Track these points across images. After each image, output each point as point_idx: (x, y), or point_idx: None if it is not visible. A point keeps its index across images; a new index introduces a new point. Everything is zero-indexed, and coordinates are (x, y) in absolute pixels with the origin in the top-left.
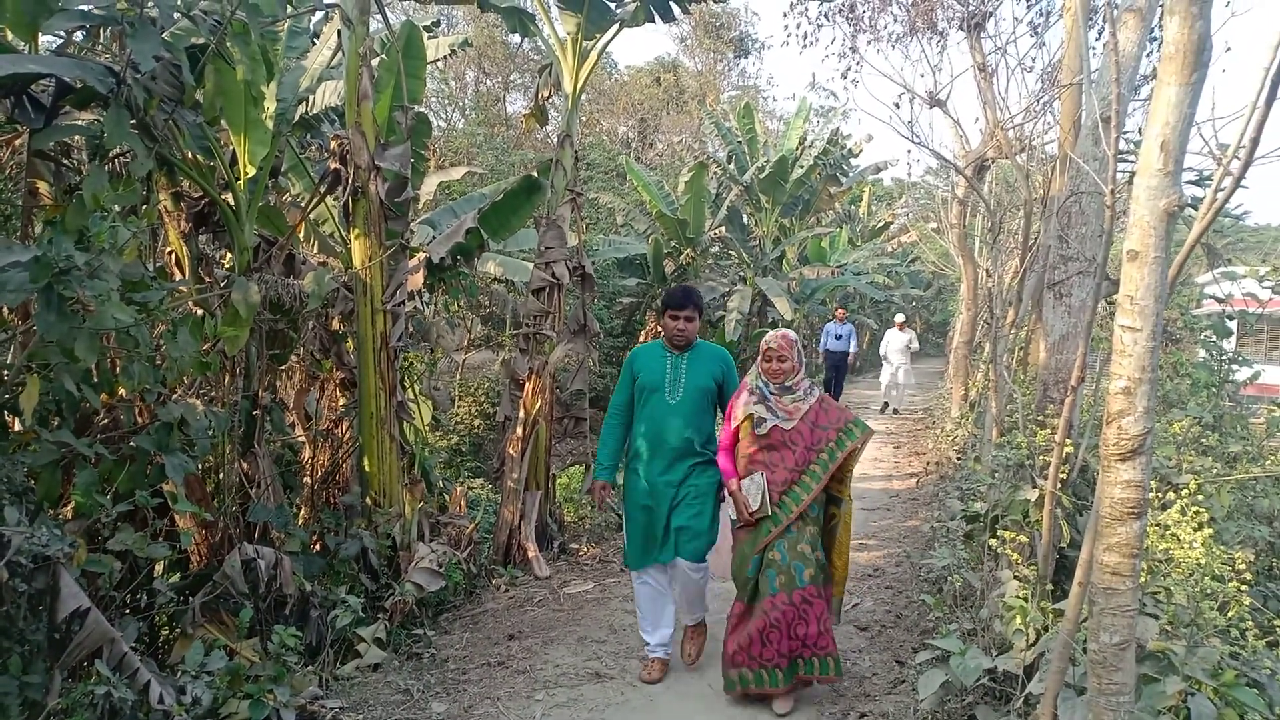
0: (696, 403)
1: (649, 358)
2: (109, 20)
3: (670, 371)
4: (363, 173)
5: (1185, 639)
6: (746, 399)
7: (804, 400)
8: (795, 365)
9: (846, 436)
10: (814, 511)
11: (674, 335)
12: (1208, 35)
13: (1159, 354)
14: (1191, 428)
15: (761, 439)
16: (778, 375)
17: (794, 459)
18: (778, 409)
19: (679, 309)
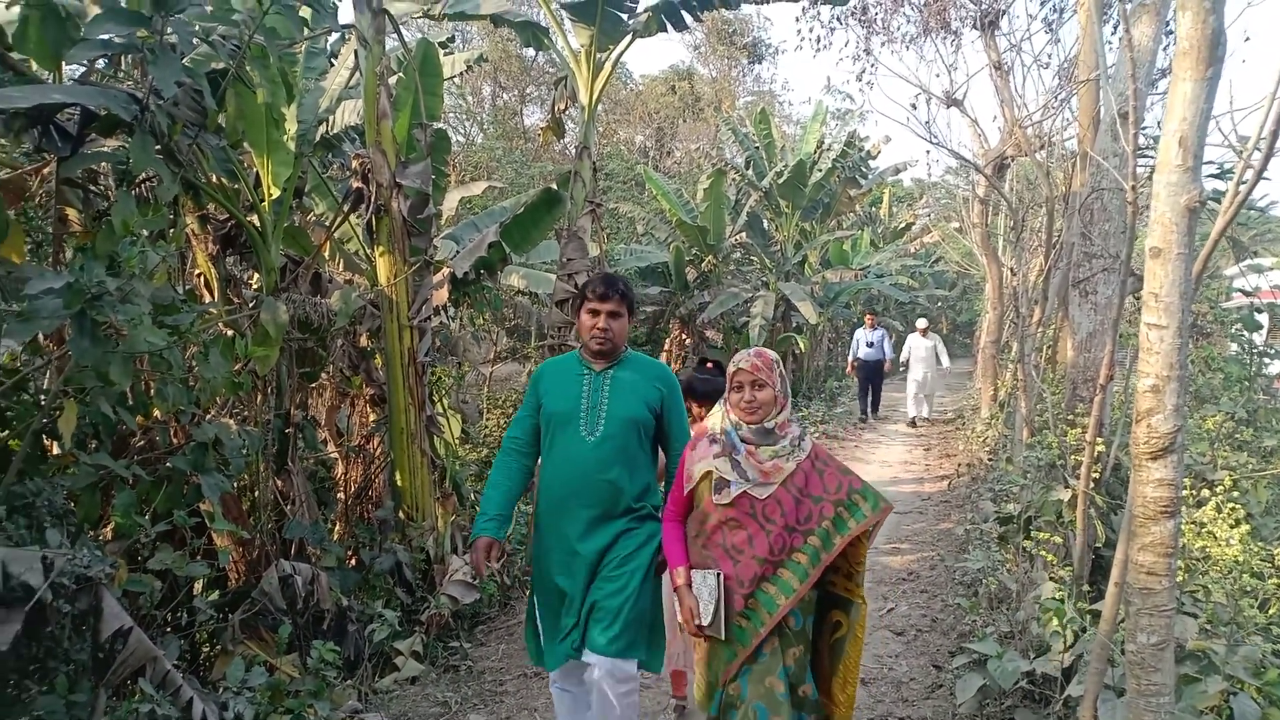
0: (625, 440)
1: (559, 376)
2: (130, 48)
3: (588, 395)
4: (385, 191)
5: (1225, 638)
6: (706, 449)
7: (790, 455)
8: (778, 398)
9: (850, 512)
10: (799, 623)
11: (593, 337)
12: (1222, 29)
13: (1187, 350)
14: (1225, 423)
15: (724, 511)
16: (753, 412)
17: (770, 543)
18: (750, 466)
19: (602, 298)
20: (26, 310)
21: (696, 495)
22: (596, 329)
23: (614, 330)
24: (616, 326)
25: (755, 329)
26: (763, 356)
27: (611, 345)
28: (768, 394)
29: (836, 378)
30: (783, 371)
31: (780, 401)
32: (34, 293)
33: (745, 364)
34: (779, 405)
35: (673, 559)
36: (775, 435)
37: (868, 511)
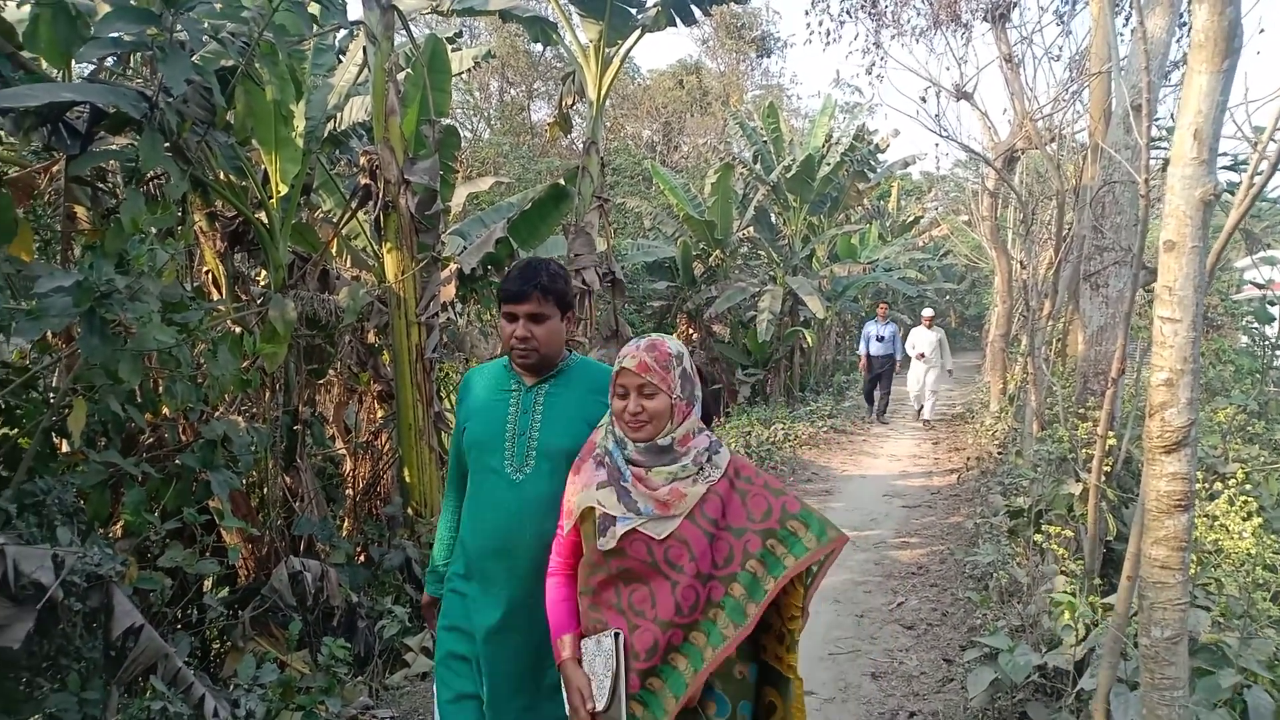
0: (561, 482)
1: (484, 391)
2: (140, 46)
3: (514, 420)
4: (393, 187)
5: (1239, 631)
6: (590, 475)
7: (696, 476)
8: (677, 406)
9: (786, 545)
10: (724, 712)
11: (512, 349)
12: (1238, 21)
13: (1200, 344)
14: (1236, 415)
15: (613, 560)
16: (640, 427)
17: (677, 598)
18: (641, 496)
19: (516, 297)
20: (36, 308)
21: (583, 535)
22: (515, 338)
23: (539, 337)
24: (542, 332)
25: (763, 323)
26: (656, 351)
27: (538, 357)
28: (660, 403)
29: (844, 372)
30: (688, 367)
31: (681, 410)
32: (43, 291)
33: (630, 362)
34: (679, 415)
35: (555, 625)
36: (673, 452)
37: (810, 543)
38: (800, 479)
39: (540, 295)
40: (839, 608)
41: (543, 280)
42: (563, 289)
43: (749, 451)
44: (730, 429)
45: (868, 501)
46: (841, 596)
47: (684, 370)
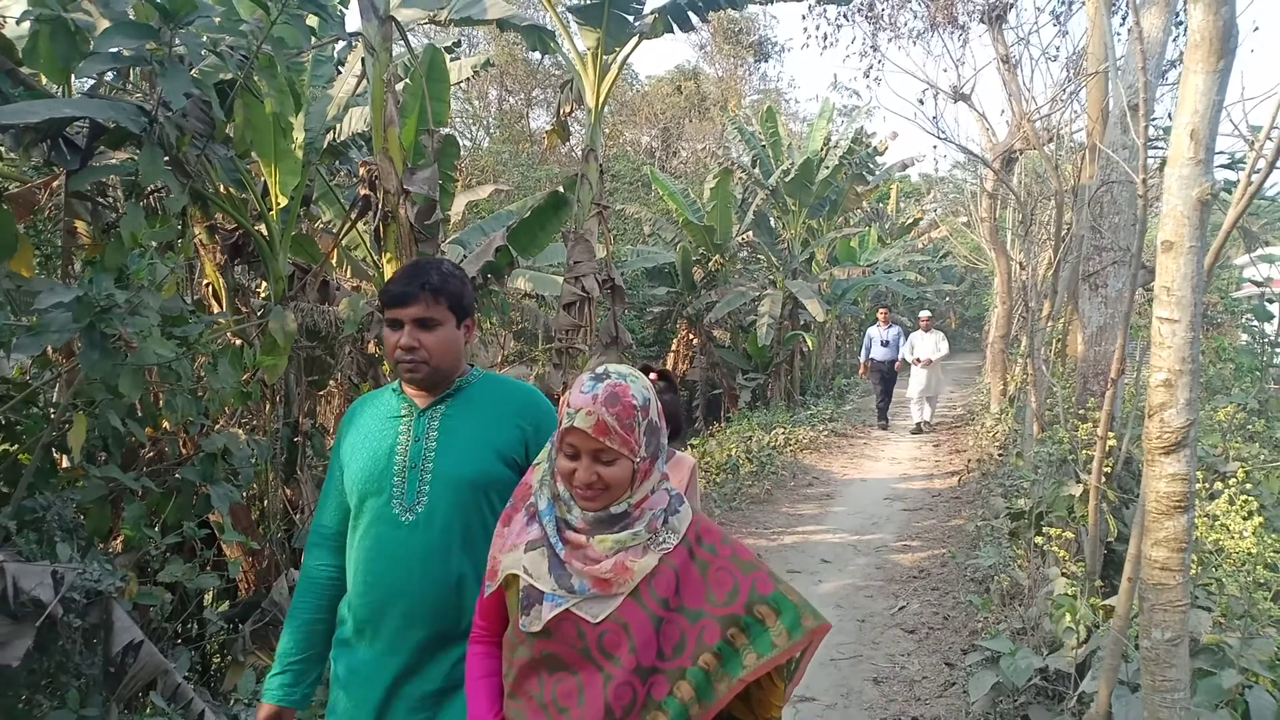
0: (464, 516)
1: (369, 421)
2: (139, 60)
3: (404, 450)
4: (392, 197)
5: (1240, 631)
6: (520, 529)
7: (648, 545)
8: (641, 468)
9: (750, 637)
10: None
11: (398, 362)
12: (1233, 20)
13: (1199, 344)
14: (1236, 414)
15: (536, 641)
16: (594, 498)
17: (608, 697)
18: (576, 570)
19: (401, 300)
20: (36, 324)
21: (508, 606)
22: (399, 349)
23: (429, 347)
24: (433, 341)
25: (762, 327)
26: (619, 405)
27: (429, 371)
28: (621, 470)
29: (844, 375)
30: (655, 417)
31: (644, 471)
32: (43, 306)
33: (584, 421)
34: (641, 477)
35: (474, 710)
36: (627, 518)
37: (779, 638)
38: (801, 483)
39: (430, 297)
40: (841, 613)
41: (432, 280)
42: (457, 290)
43: (749, 456)
44: (730, 433)
45: (869, 505)
46: (843, 601)
47: (650, 423)
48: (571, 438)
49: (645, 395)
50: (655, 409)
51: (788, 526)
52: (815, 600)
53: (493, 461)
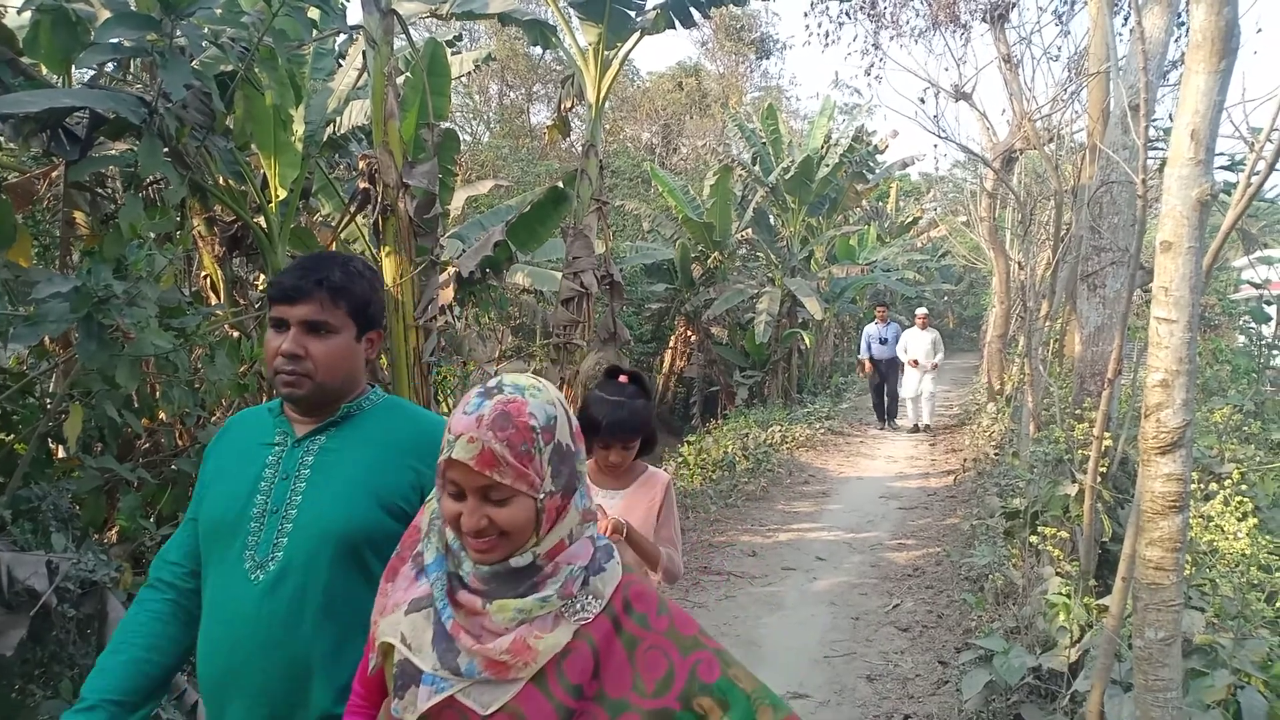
0: (326, 577)
1: (238, 444)
2: (139, 52)
3: (269, 487)
4: (391, 191)
5: (1233, 631)
6: (404, 582)
7: (562, 613)
8: (551, 501)
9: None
10: None
11: (276, 372)
12: (1236, 21)
13: (1196, 345)
14: (1232, 416)
15: None
16: (488, 550)
17: None
18: (464, 643)
19: (288, 297)
20: (34, 314)
21: (386, 679)
22: (280, 356)
23: (316, 359)
24: (321, 351)
25: (761, 325)
26: (511, 427)
27: (311, 388)
28: (519, 510)
29: (842, 373)
30: (563, 438)
31: (554, 508)
32: (41, 296)
33: (465, 452)
34: (549, 516)
35: None
36: (534, 575)
37: None
38: (797, 481)
39: (327, 297)
40: (835, 610)
41: (333, 277)
42: (363, 295)
43: (746, 454)
44: (727, 431)
45: (865, 503)
46: (837, 599)
47: (558, 448)
48: (453, 473)
49: (549, 413)
50: (566, 429)
51: (783, 524)
52: (810, 597)
53: (370, 510)
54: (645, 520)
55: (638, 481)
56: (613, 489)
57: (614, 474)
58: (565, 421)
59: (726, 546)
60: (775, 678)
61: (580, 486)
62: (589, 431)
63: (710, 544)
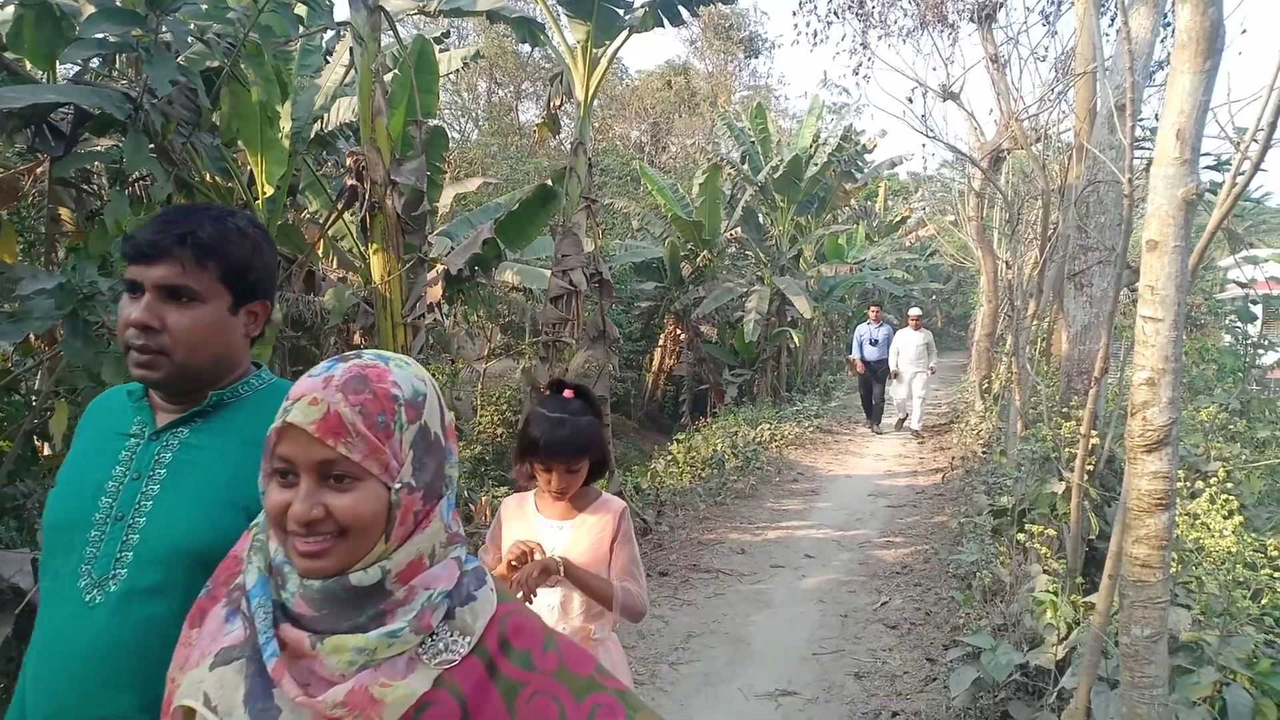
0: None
1: (95, 428)
2: (125, 47)
3: (117, 488)
4: (379, 188)
5: (1218, 628)
6: (212, 627)
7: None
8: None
9: None
10: None
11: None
12: (1220, 21)
13: (1182, 343)
14: (1218, 414)
15: None
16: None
17: None
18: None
19: (146, 256)
20: (19, 311)
21: None
22: (131, 327)
23: (175, 333)
24: (183, 325)
25: (750, 323)
26: (365, 391)
27: (170, 369)
28: (365, 500)
29: (831, 372)
30: (432, 422)
31: (410, 511)
32: (26, 293)
33: (303, 415)
34: (404, 521)
35: None
36: (379, 602)
37: None
38: (786, 479)
39: (191, 258)
40: (824, 608)
41: (201, 233)
42: (241, 256)
43: (735, 452)
44: (717, 429)
45: (853, 501)
46: (826, 596)
47: (424, 430)
48: (286, 445)
49: (416, 388)
50: (437, 415)
51: (772, 522)
52: (799, 595)
53: (234, 522)
54: (594, 554)
55: (588, 510)
56: (558, 519)
57: (560, 502)
58: (437, 406)
59: (715, 544)
60: (764, 675)
61: (449, 495)
62: (527, 452)
63: (699, 542)
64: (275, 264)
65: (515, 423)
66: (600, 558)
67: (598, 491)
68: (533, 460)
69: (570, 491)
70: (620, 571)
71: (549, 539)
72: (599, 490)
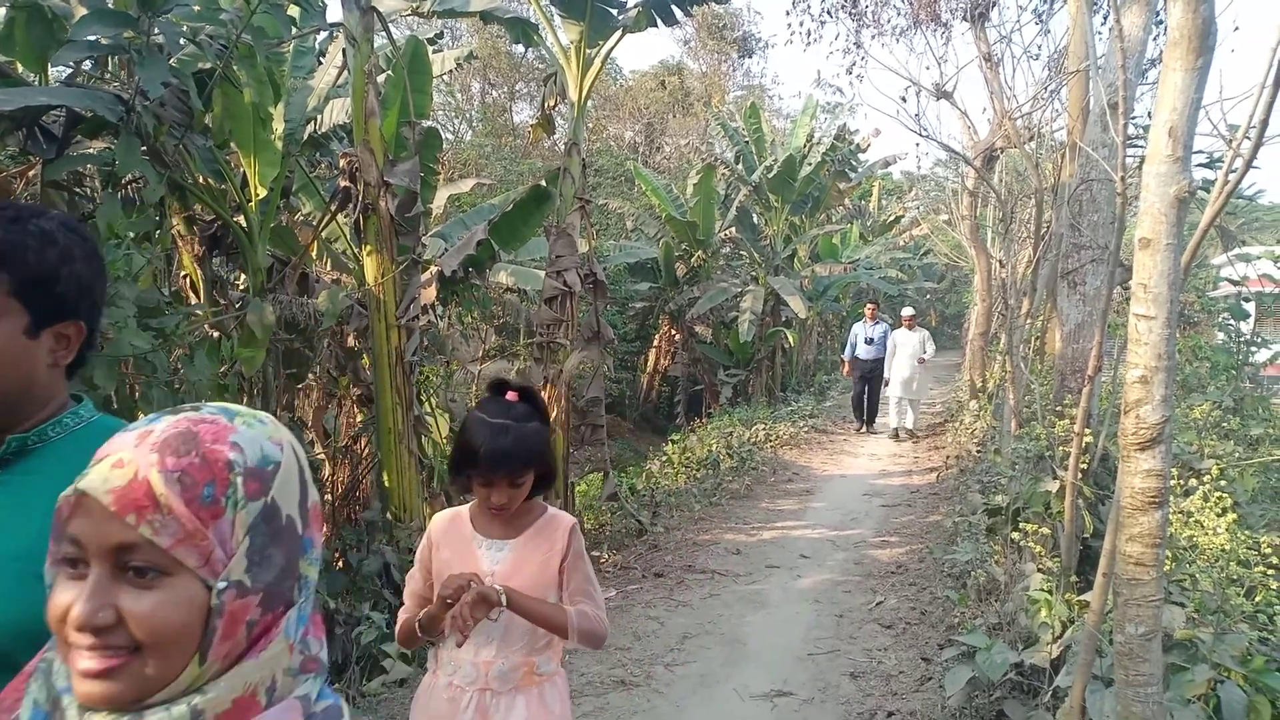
0: None
1: None
2: (117, 49)
3: None
4: (372, 189)
5: (1212, 626)
6: None
7: None
8: (235, 606)
9: None
10: None
11: None
12: (1213, 19)
13: (1175, 341)
14: (1212, 412)
15: None
16: (112, 664)
17: None
18: None
19: None
20: None
21: None
22: None
23: None
24: None
25: (744, 323)
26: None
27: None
28: (174, 608)
29: (826, 372)
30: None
31: (236, 620)
32: None
33: (100, 483)
34: (229, 634)
35: None
36: None
37: None
38: (781, 479)
39: None
40: (819, 608)
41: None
42: (41, 265)
43: (730, 452)
44: (712, 429)
45: (848, 500)
46: (821, 596)
47: (270, 511)
48: (77, 522)
49: (266, 454)
50: (294, 495)
51: (767, 522)
52: (794, 595)
53: (35, 597)
54: (541, 577)
55: (532, 528)
56: (498, 539)
57: (500, 519)
58: (295, 481)
59: (711, 545)
60: (759, 675)
61: (302, 603)
62: (465, 463)
63: (695, 542)
64: (99, 276)
65: None
66: (548, 581)
67: (544, 506)
68: (471, 473)
69: (513, 507)
70: (577, 592)
71: (487, 561)
72: (545, 504)
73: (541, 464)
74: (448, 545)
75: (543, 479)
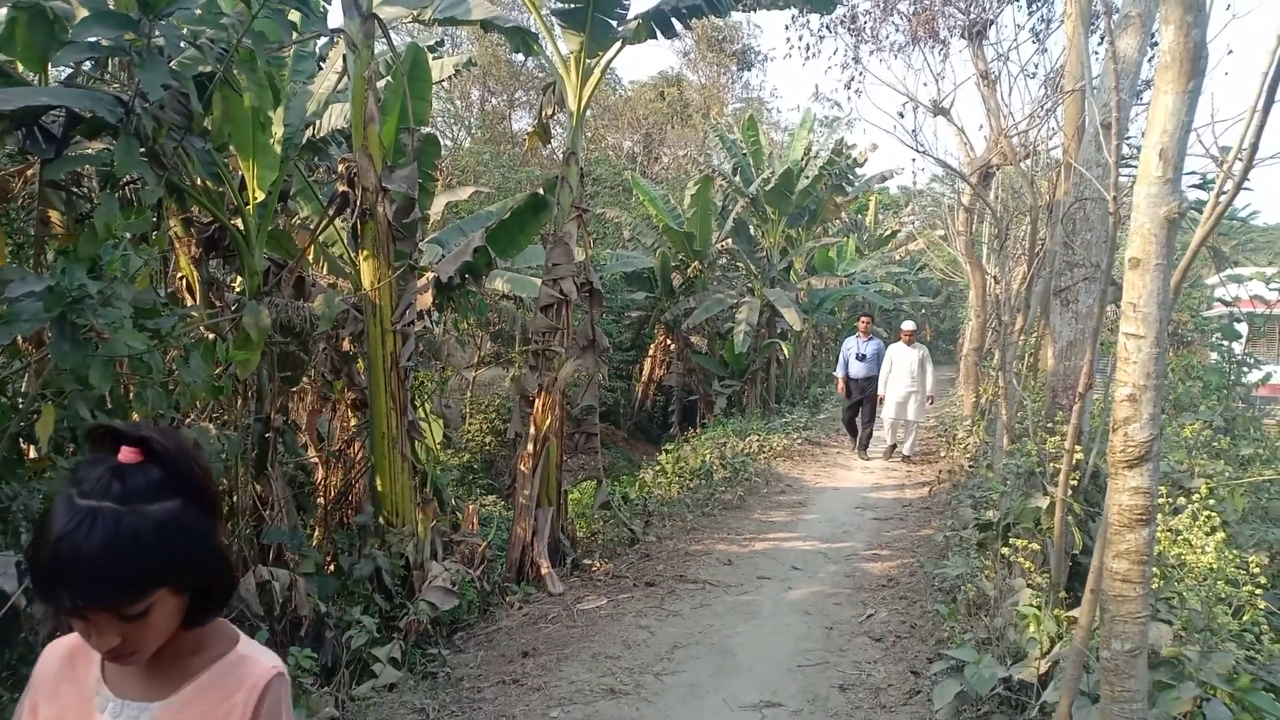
0: None
1: None
2: (117, 51)
3: None
4: (370, 195)
5: (1199, 644)
6: None
7: None
8: None
9: None
10: None
11: None
12: (1203, 43)
13: (1165, 360)
14: (1203, 431)
15: None
16: None
17: None
18: None
19: None
20: (7, 313)
21: None
22: None
23: None
24: None
25: (740, 335)
26: None
27: None
28: None
29: (820, 384)
30: None
31: None
32: (15, 295)
33: None
34: None
35: None
36: None
37: None
38: (774, 490)
39: None
40: (809, 619)
41: None
42: None
43: (723, 463)
44: (705, 439)
45: (840, 513)
46: (812, 608)
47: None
48: None
49: None
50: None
51: (759, 533)
52: (785, 606)
53: None
54: None
55: (199, 681)
56: (136, 699)
57: (135, 666)
58: None
59: (702, 555)
60: (749, 686)
61: None
62: (36, 582)
63: (686, 552)
64: None
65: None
66: None
67: (232, 637)
68: (42, 598)
69: (139, 652)
70: None
71: None
72: (237, 634)
73: (182, 574)
74: (56, 702)
75: (204, 597)
